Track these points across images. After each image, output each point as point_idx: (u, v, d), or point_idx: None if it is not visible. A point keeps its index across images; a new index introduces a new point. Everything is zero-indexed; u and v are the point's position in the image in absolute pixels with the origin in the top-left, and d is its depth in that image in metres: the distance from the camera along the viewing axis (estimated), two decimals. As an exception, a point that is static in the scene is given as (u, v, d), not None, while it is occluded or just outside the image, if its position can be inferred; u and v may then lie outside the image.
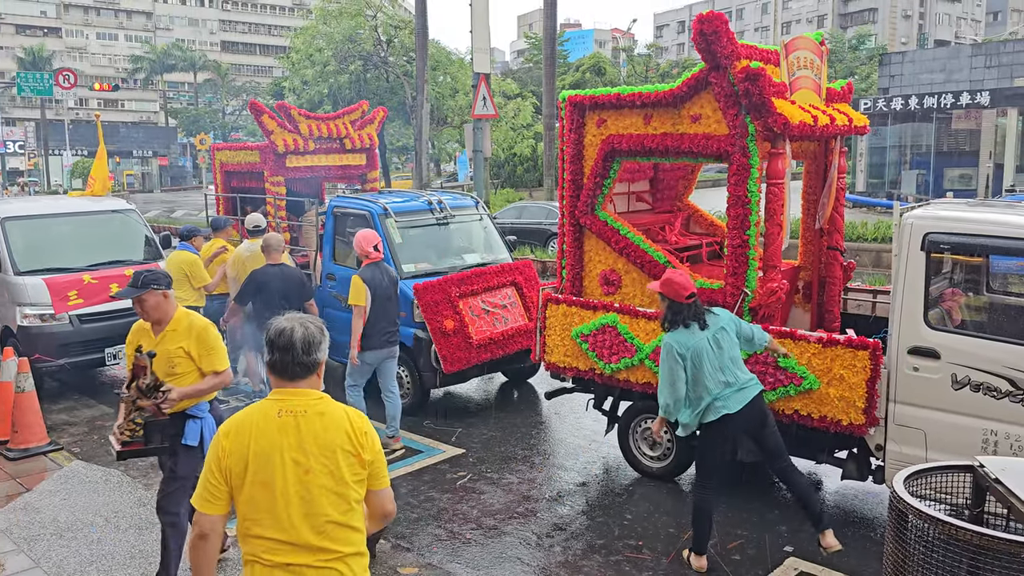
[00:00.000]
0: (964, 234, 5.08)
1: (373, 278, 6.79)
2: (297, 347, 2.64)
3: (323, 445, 2.59)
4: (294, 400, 2.64)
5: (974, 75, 31.83)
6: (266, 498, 2.55)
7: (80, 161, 50.74)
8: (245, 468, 2.56)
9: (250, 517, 2.57)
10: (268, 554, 2.56)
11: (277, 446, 2.57)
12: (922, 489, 3.02)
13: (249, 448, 2.56)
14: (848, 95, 6.88)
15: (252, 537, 2.58)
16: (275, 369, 2.66)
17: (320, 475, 2.57)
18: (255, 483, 2.56)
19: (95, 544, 5.28)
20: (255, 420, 2.61)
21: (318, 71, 35.70)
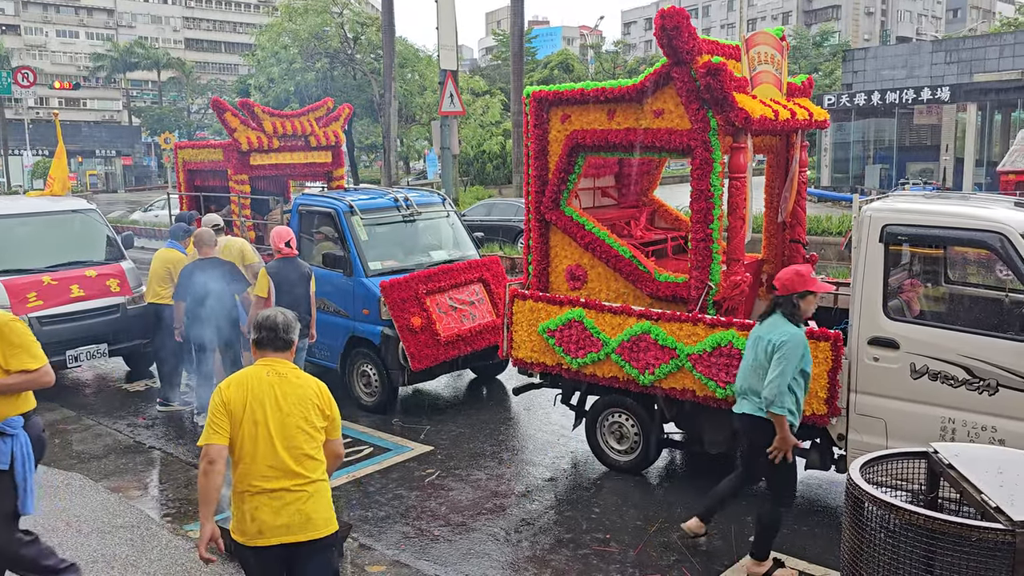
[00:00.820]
0: (921, 226, 5.17)
1: (279, 272, 7.10)
2: (279, 328, 3.55)
3: (298, 397, 3.46)
4: (276, 366, 3.52)
5: (935, 71, 32.43)
6: (258, 433, 3.37)
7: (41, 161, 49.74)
8: (243, 409, 3.38)
9: (245, 449, 3.36)
10: (258, 481, 3.34)
11: (267, 395, 3.41)
12: (878, 476, 3.07)
13: (247, 395, 3.40)
14: (808, 90, 6.97)
15: (244, 467, 3.36)
16: (262, 344, 3.53)
17: (295, 418, 3.42)
18: (250, 421, 3.37)
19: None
20: (251, 377, 3.46)
21: (284, 69, 35.35)
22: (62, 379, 9.61)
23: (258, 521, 3.33)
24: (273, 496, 3.33)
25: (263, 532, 3.34)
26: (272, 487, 3.33)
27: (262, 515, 3.33)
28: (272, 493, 3.33)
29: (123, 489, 6.38)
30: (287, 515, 3.34)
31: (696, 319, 5.74)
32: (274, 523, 3.34)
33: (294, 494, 3.36)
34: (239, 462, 3.37)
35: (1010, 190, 13.96)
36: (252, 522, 3.34)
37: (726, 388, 5.61)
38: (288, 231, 7.44)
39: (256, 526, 3.34)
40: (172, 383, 8.35)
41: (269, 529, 3.34)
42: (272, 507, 3.33)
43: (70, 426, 7.94)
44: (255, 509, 3.33)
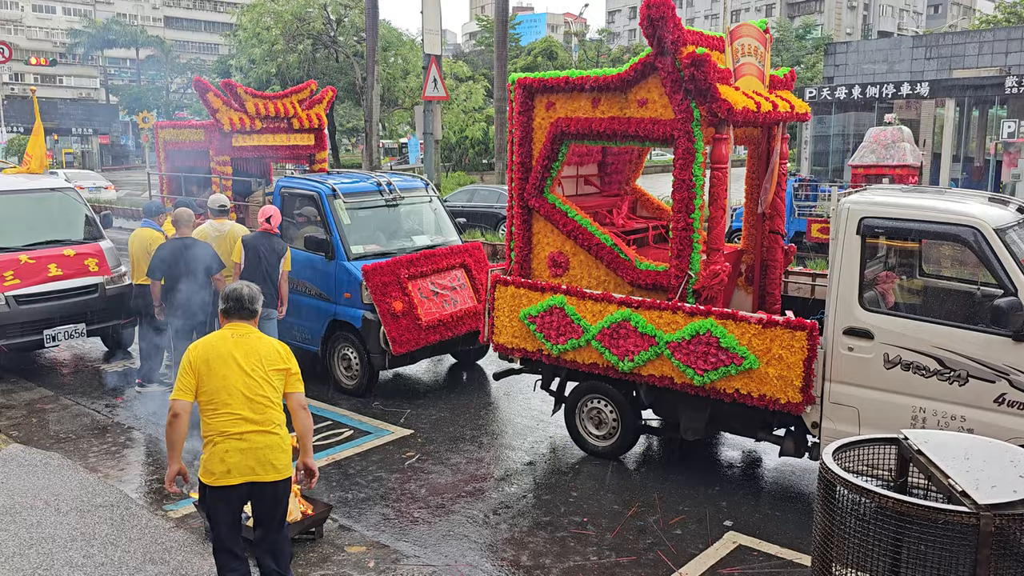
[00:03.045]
0: (898, 219, 5.27)
1: (251, 242, 7.59)
2: (244, 299, 4.07)
3: (259, 354, 3.98)
4: (240, 329, 4.04)
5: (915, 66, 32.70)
6: (224, 385, 3.87)
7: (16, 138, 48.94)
8: (208, 366, 3.87)
9: (213, 400, 3.86)
10: (227, 427, 3.83)
11: (230, 353, 3.93)
12: (850, 461, 3.16)
13: (211, 354, 3.91)
14: (790, 82, 7.03)
15: (216, 417, 3.86)
16: (229, 313, 4.05)
17: (257, 370, 3.93)
18: (215, 375, 3.87)
19: (35, 527, 5.19)
20: (216, 338, 3.99)
21: (266, 50, 34.98)
22: (39, 358, 9.55)
23: (227, 463, 3.83)
24: (240, 439, 3.84)
25: (231, 472, 3.84)
26: (239, 431, 3.84)
27: (231, 457, 3.83)
28: (240, 436, 3.84)
29: (101, 469, 6.37)
30: (252, 458, 3.85)
31: (675, 307, 5.82)
32: (242, 464, 3.84)
33: (259, 438, 3.87)
34: (209, 413, 3.87)
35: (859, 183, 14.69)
36: (221, 463, 3.83)
37: (704, 375, 5.70)
38: (273, 209, 7.75)
39: (225, 467, 3.83)
40: (152, 363, 8.32)
41: (236, 468, 3.84)
42: (239, 449, 3.83)
43: (48, 405, 7.90)
44: (225, 452, 3.83)
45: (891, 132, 15.25)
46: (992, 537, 2.59)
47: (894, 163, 14.79)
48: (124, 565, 4.75)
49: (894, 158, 14.86)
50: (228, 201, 8.58)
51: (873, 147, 15.25)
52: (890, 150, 14.92)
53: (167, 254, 7.55)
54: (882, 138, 15.21)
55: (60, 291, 8.58)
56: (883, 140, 15.15)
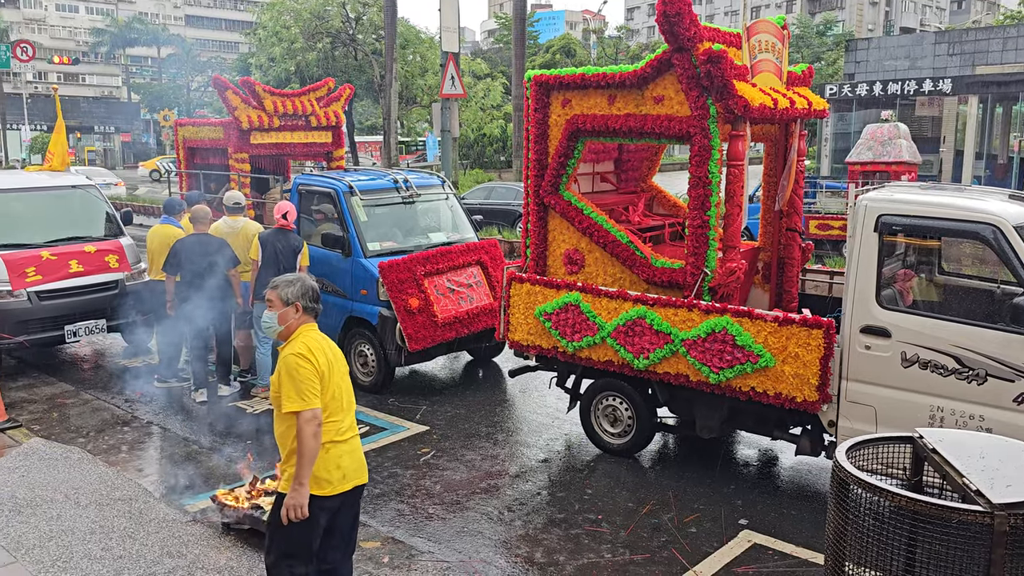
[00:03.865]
0: (916, 216, 5.22)
1: (267, 239, 7.64)
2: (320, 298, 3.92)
3: (340, 356, 3.88)
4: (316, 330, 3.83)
5: (937, 62, 32.32)
6: (339, 391, 3.75)
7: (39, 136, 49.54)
8: (330, 371, 3.71)
9: (331, 407, 3.70)
10: (340, 435, 3.73)
11: (334, 357, 3.79)
12: (864, 460, 3.14)
13: (327, 357, 3.72)
14: (808, 79, 6.99)
15: (331, 423, 3.69)
16: (311, 312, 3.82)
17: (346, 372, 3.85)
18: (334, 382, 3.72)
19: (55, 520, 5.26)
20: (320, 342, 3.76)
21: (285, 48, 35.14)
22: (61, 354, 9.67)
23: (343, 468, 3.72)
24: (349, 443, 3.77)
25: (347, 477, 3.74)
26: (349, 435, 3.78)
27: (345, 462, 3.73)
28: (349, 441, 3.78)
29: (120, 463, 6.44)
30: (357, 459, 3.82)
31: (691, 305, 5.80)
32: (352, 467, 3.77)
33: (357, 440, 3.87)
34: (327, 417, 3.69)
35: (856, 179, 14.76)
36: (338, 469, 3.70)
37: (719, 373, 5.68)
38: (288, 205, 7.83)
39: (341, 473, 3.71)
40: (170, 359, 8.41)
41: (350, 472, 3.76)
42: (349, 453, 3.77)
43: (68, 400, 8.00)
44: (339, 457, 3.70)
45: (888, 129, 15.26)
46: (1006, 536, 2.57)
47: (890, 160, 14.81)
48: (142, 558, 4.80)
49: (890, 155, 14.88)
50: (243, 198, 8.65)
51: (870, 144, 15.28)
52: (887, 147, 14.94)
53: (184, 249, 7.65)
54: (879, 135, 15.23)
55: (81, 287, 8.68)
56: (880, 137, 15.17)
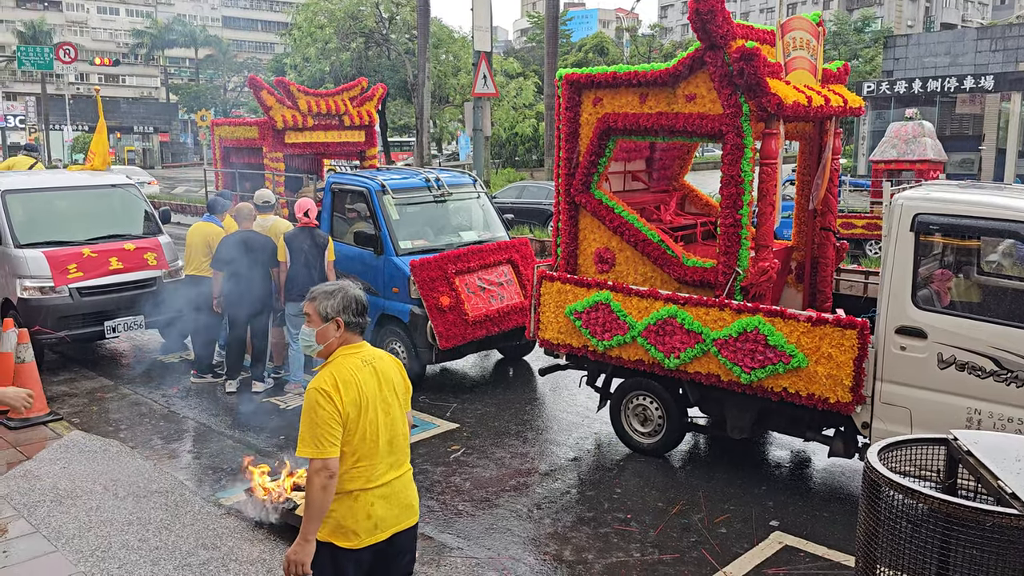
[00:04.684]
0: (954, 215, 5.13)
1: (293, 239, 7.79)
2: (365, 308, 3.33)
3: (392, 381, 3.31)
4: (363, 352, 3.27)
5: (979, 59, 31.69)
6: (372, 432, 3.17)
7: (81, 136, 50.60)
8: (359, 411, 3.13)
9: (359, 452, 3.14)
10: (371, 481, 3.18)
11: (374, 389, 3.19)
12: (896, 461, 3.10)
13: (359, 395, 3.14)
14: (844, 76, 6.90)
15: (357, 468, 3.15)
16: (355, 328, 3.26)
17: (394, 405, 3.28)
18: (367, 422, 3.15)
19: (94, 511, 5.38)
20: (353, 372, 3.16)
21: (320, 48, 35.49)
22: (100, 349, 9.88)
23: (374, 517, 3.20)
24: (386, 488, 3.22)
25: (379, 527, 3.22)
26: (386, 480, 3.22)
27: (378, 510, 3.20)
28: (386, 486, 3.22)
29: (157, 456, 6.57)
30: (397, 505, 3.27)
31: (723, 304, 5.76)
32: (388, 515, 3.24)
33: (401, 481, 3.30)
34: (352, 463, 3.14)
35: (880, 178, 14.84)
36: (368, 519, 3.18)
37: (751, 374, 5.63)
38: (309, 202, 7.97)
39: (372, 522, 3.19)
40: (206, 354, 8.55)
41: (384, 522, 3.23)
42: (386, 499, 3.22)
43: (108, 394, 8.17)
44: (371, 506, 3.18)
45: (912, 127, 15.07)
46: (1043, 541, 2.52)
47: (915, 158, 14.63)
48: (177, 549, 4.89)
49: (915, 153, 14.71)
50: (273, 197, 8.78)
51: (894, 142, 15.10)
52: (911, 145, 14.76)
53: (230, 247, 7.80)
54: (903, 133, 15.06)
55: (120, 284, 8.85)
56: (904, 135, 15.00)
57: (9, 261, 8.57)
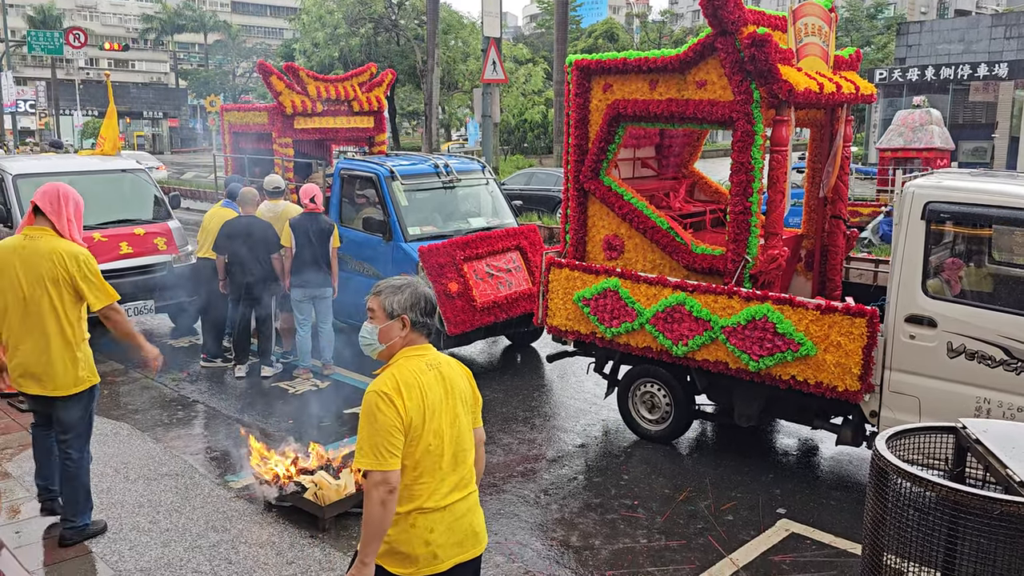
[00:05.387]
0: (965, 203, 5.10)
1: (298, 225, 7.75)
2: (435, 309, 2.96)
3: (460, 389, 2.93)
4: (429, 354, 2.91)
5: (993, 46, 31.37)
6: (436, 445, 2.81)
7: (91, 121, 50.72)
8: (423, 419, 2.77)
9: (422, 466, 2.79)
10: (432, 501, 2.81)
11: (439, 397, 2.83)
12: (904, 449, 3.10)
13: (424, 401, 2.79)
14: (856, 63, 6.85)
15: (418, 486, 2.79)
16: (422, 328, 2.91)
17: (462, 416, 2.91)
18: (430, 432, 2.79)
19: (104, 493, 5.42)
20: (416, 375, 2.81)
21: (328, 34, 35.44)
22: (110, 333, 9.91)
23: (433, 544, 2.83)
24: (448, 511, 2.85)
25: (438, 555, 2.85)
26: (448, 502, 2.85)
27: (437, 536, 2.83)
28: (447, 508, 2.85)
29: (167, 439, 6.61)
30: (460, 531, 2.89)
31: (732, 292, 5.75)
32: (449, 542, 2.86)
33: (465, 504, 2.91)
34: (412, 479, 2.80)
35: (886, 165, 14.91)
36: (426, 546, 2.82)
37: (759, 361, 5.63)
38: (314, 188, 7.97)
39: (431, 550, 2.83)
40: (216, 339, 8.60)
41: (443, 550, 2.85)
42: (447, 524, 2.85)
43: (118, 378, 8.22)
44: (429, 532, 2.81)
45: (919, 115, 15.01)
46: (1051, 530, 2.52)
47: (921, 146, 14.60)
48: (187, 532, 4.94)
49: (922, 141, 14.68)
50: (283, 182, 8.79)
51: (901, 130, 15.07)
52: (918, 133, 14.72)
53: (231, 231, 7.86)
54: (910, 121, 15.01)
55: (130, 268, 8.89)
56: (911, 123, 14.96)
57: (20, 245, 8.59)
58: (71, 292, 4.51)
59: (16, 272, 4.43)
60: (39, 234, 4.50)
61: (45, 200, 4.54)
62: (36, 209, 4.54)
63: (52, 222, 4.53)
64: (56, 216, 4.54)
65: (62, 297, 4.48)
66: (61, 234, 4.54)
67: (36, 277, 4.43)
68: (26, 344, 4.50)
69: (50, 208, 4.54)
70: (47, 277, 4.44)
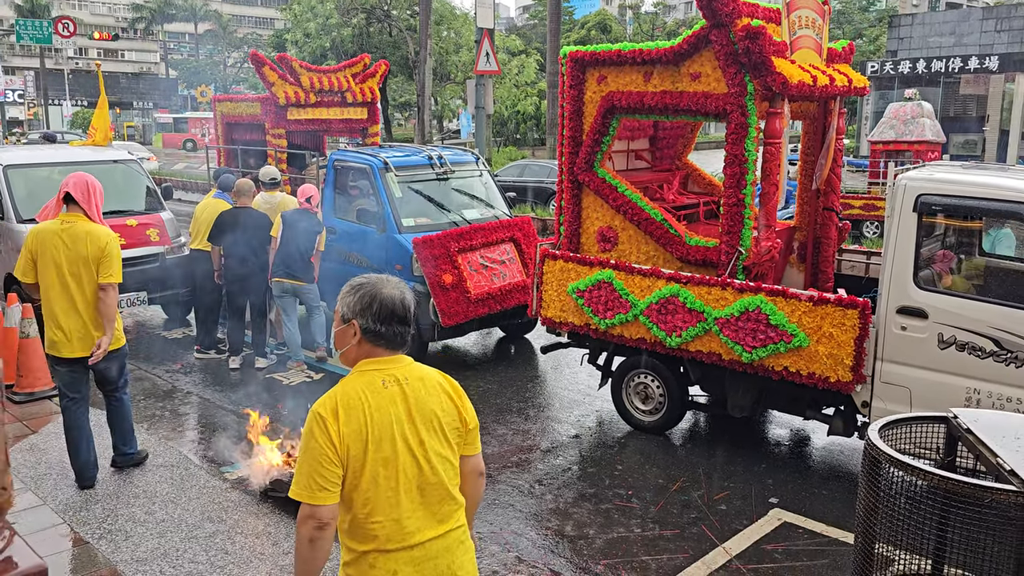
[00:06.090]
0: (957, 196, 5.14)
1: (290, 219, 7.84)
2: (404, 313, 2.50)
3: (430, 409, 2.48)
4: (393, 367, 2.49)
5: (984, 39, 31.48)
6: (388, 476, 2.40)
7: (80, 111, 50.40)
8: (365, 447, 2.38)
9: (372, 501, 2.39)
10: (391, 541, 2.42)
11: (392, 418, 2.41)
12: (897, 439, 3.14)
13: (366, 424, 2.38)
14: (849, 56, 6.88)
15: (371, 524, 2.40)
16: (385, 339, 2.47)
17: (431, 441, 2.46)
18: (376, 461, 2.38)
19: (100, 484, 5.43)
20: (362, 394, 2.41)
21: (320, 24, 35.27)
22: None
23: None
24: (417, 551, 2.44)
25: None
26: (415, 541, 2.44)
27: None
28: (418, 548, 2.45)
29: (162, 431, 6.62)
30: (432, 574, 2.47)
31: (725, 283, 5.78)
32: None
33: (441, 543, 2.49)
34: (363, 515, 2.41)
35: (877, 158, 15.08)
36: None
37: (752, 352, 5.67)
38: (313, 189, 8.06)
39: None
40: (209, 331, 8.59)
41: None
42: (414, 565, 2.44)
43: (111, 370, 8.20)
44: (393, 574, 2.42)
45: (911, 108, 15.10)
46: (1041, 518, 2.56)
47: (913, 139, 14.70)
48: (183, 522, 4.95)
49: (913, 134, 14.77)
50: (279, 173, 8.79)
51: (892, 123, 15.15)
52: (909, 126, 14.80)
53: (225, 223, 7.86)
54: (901, 114, 15.09)
55: (123, 260, 8.83)
56: (903, 116, 15.05)
57: (12, 236, 8.57)
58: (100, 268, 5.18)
59: (58, 252, 5.10)
60: (74, 219, 5.16)
61: (76, 190, 5.16)
62: (67, 197, 5.15)
63: (83, 209, 5.17)
64: (87, 203, 5.18)
65: (94, 273, 5.15)
66: (91, 219, 5.19)
67: (75, 256, 5.10)
68: (68, 313, 5.14)
69: (81, 196, 5.16)
70: (84, 256, 5.10)
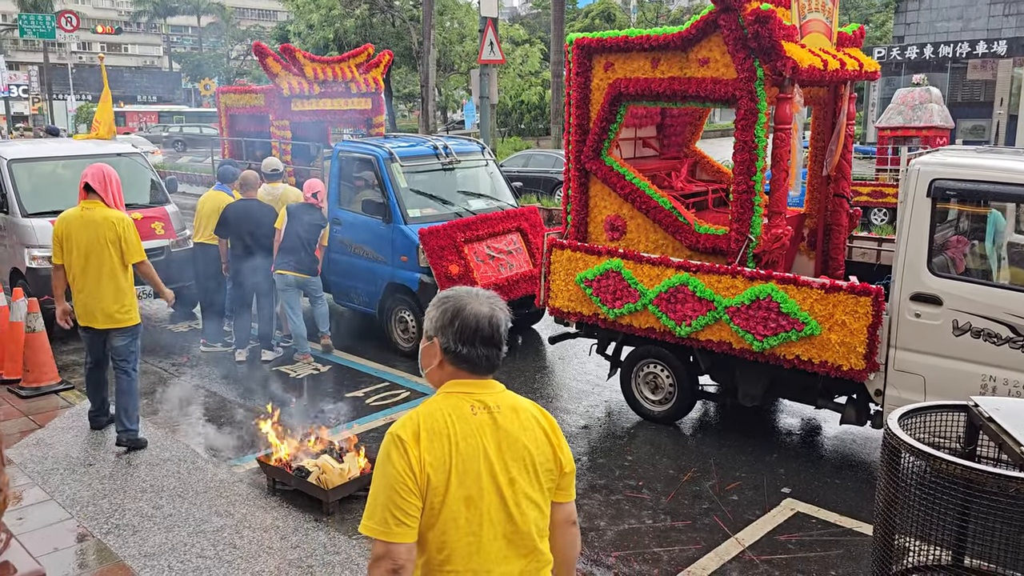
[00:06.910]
0: (971, 180, 5.06)
1: (294, 212, 7.84)
2: (502, 339, 2.19)
3: (521, 447, 2.14)
4: (483, 393, 2.17)
5: (992, 23, 31.19)
6: (471, 518, 2.06)
7: (84, 106, 50.36)
8: (447, 479, 2.04)
9: (449, 544, 2.06)
10: None
11: (480, 450, 2.08)
12: (916, 428, 3.08)
13: (451, 454, 2.05)
14: (859, 40, 6.78)
15: (445, 572, 2.07)
16: (468, 362, 2.15)
17: (521, 482, 2.12)
18: (458, 498, 2.05)
19: (107, 479, 5.41)
20: (448, 418, 2.09)
21: (323, 15, 35.13)
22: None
23: None
24: None
25: None
26: None
27: None
28: None
29: (169, 425, 6.59)
30: None
31: (735, 272, 5.72)
32: None
33: None
34: (438, 561, 2.08)
35: (885, 144, 15.00)
36: None
37: (763, 341, 5.60)
38: (318, 184, 8.06)
39: None
40: (215, 323, 8.56)
41: None
42: None
43: (118, 364, 8.17)
44: None
45: (919, 93, 14.98)
46: (1066, 508, 2.50)
47: (921, 124, 14.59)
48: (191, 516, 4.92)
49: (921, 120, 14.66)
50: (280, 164, 8.75)
51: (900, 108, 15.04)
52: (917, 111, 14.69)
53: (233, 215, 7.83)
54: (909, 99, 14.98)
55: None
56: (910, 101, 14.93)
57: (17, 230, 8.55)
58: (118, 250, 5.67)
59: (80, 235, 5.61)
60: (93, 206, 5.67)
61: (94, 180, 5.69)
62: (87, 186, 5.66)
63: (101, 196, 5.67)
64: (104, 191, 5.68)
65: (112, 254, 5.64)
66: (109, 205, 5.68)
67: (94, 238, 5.61)
68: (88, 290, 5.67)
69: (98, 185, 5.69)
70: (103, 238, 5.61)
